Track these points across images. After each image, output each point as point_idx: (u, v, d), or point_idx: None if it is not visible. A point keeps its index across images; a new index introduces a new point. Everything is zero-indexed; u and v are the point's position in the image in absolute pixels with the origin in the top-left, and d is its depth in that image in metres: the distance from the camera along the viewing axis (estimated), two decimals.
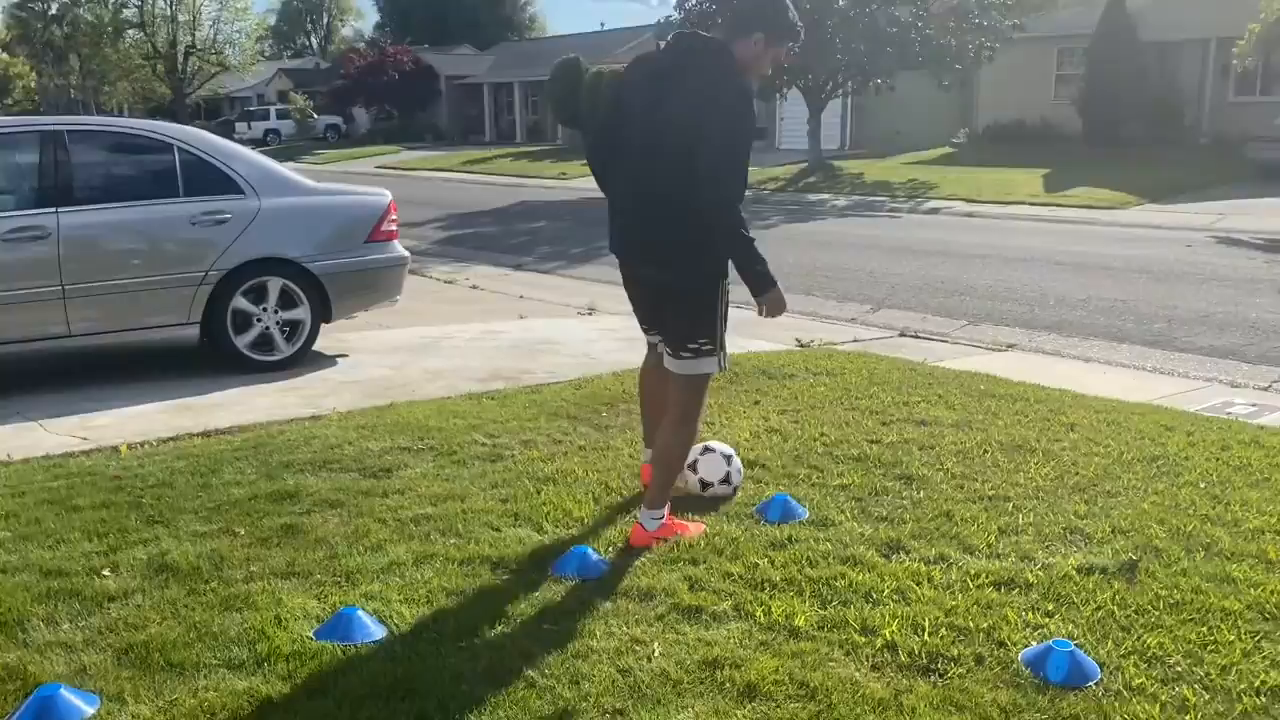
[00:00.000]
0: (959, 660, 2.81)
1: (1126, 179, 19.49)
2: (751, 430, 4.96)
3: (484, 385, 6.13)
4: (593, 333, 8.00)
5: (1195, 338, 7.83)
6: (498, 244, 14.92)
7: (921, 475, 4.29)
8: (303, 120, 50.26)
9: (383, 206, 7.07)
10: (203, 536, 3.68)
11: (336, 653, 2.81)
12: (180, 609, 3.10)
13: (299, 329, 6.66)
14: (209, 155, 6.50)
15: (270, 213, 6.54)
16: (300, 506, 3.98)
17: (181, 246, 6.28)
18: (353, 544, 3.60)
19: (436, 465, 4.49)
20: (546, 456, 4.59)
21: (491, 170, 31.24)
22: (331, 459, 4.55)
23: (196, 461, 4.54)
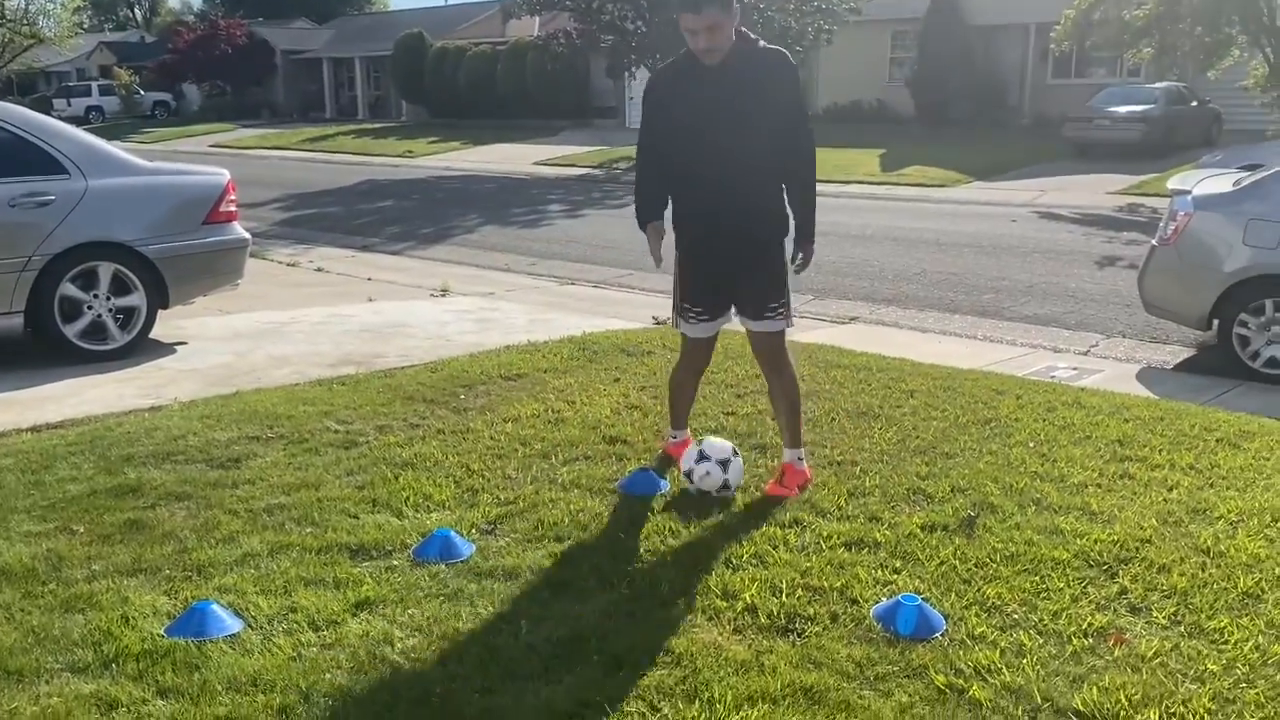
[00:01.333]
0: (815, 619, 2.93)
1: (956, 157, 20.47)
2: (612, 407, 5.01)
3: (334, 370, 5.97)
4: (446, 315, 7.90)
5: (1021, 307, 8.33)
6: (343, 225, 14.52)
7: (775, 444, 4.42)
8: (128, 97, 47.49)
9: (220, 186, 6.78)
10: (37, 536, 3.47)
11: (191, 649, 2.71)
12: (15, 613, 2.93)
13: (134, 316, 6.35)
14: (27, 133, 6.10)
15: (99, 194, 6.19)
16: (144, 501, 3.80)
17: (0, 230, 5.87)
18: (203, 537, 3.47)
19: (288, 454, 4.36)
20: (403, 441, 4.52)
21: (334, 148, 30.28)
22: (175, 450, 4.36)
23: (26, 458, 4.27)
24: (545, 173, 23.12)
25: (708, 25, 3.55)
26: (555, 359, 6.09)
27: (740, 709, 2.48)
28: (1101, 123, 20.76)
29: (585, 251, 11.88)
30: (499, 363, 5.99)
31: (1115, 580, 3.17)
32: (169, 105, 48.22)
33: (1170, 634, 2.86)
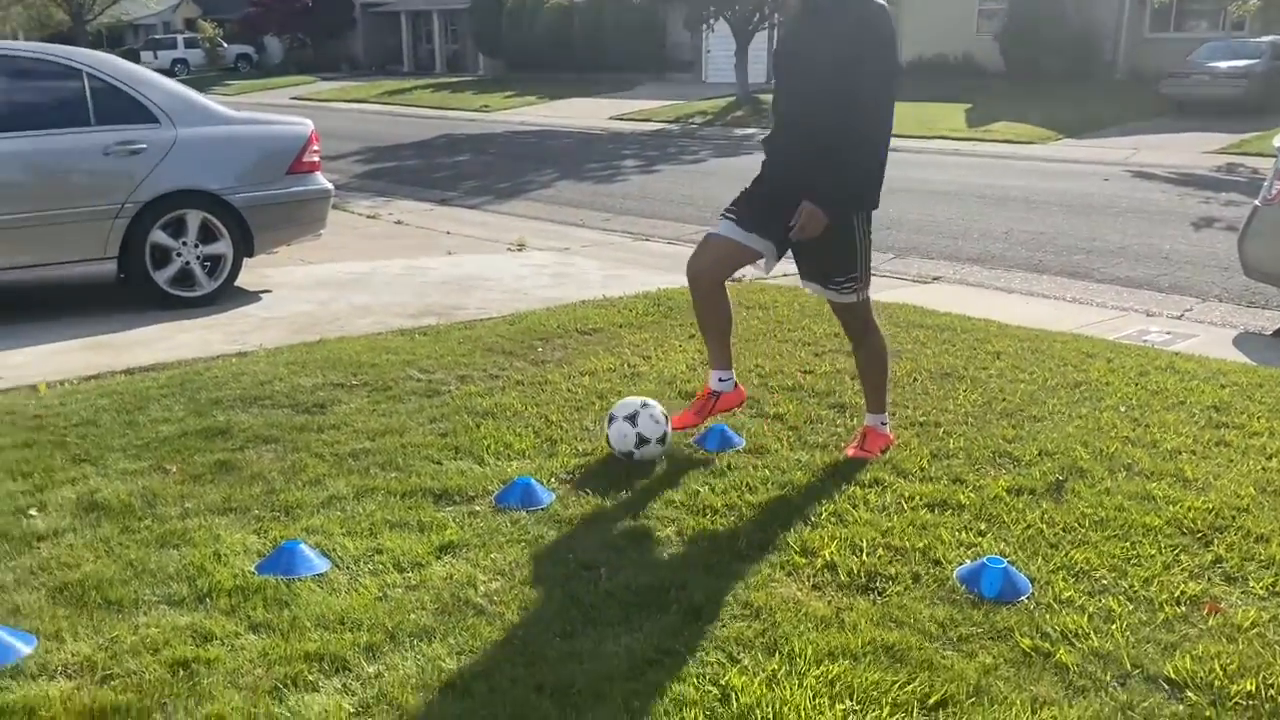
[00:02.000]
0: (896, 579, 2.89)
1: (1046, 114, 19.84)
2: (687, 363, 4.99)
3: (415, 321, 6.04)
4: (523, 269, 7.93)
5: (1113, 269, 8.07)
6: (421, 178, 14.62)
7: (855, 403, 4.37)
8: (212, 50, 48.33)
9: (304, 137, 6.86)
10: (133, 474, 3.59)
11: (281, 586, 2.78)
12: (114, 547, 3.03)
13: (220, 264, 6.48)
14: (121, 82, 6.22)
15: (188, 143, 6.30)
16: (233, 443, 3.90)
17: (94, 178, 6.03)
18: (290, 479, 3.55)
19: (371, 401, 4.43)
20: (483, 391, 4.56)
21: (411, 102, 30.50)
22: (262, 395, 4.46)
23: (121, 399, 4.41)
24: (620, 127, 23.00)
25: None
26: (630, 314, 6.08)
27: (821, 663, 2.46)
28: (1201, 78, 19.93)
29: (660, 207, 11.81)
30: (575, 317, 6.00)
31: (1210, 549, 3.07)
32: (251, 58, 48.95)
33: (1268, 604, 2.76)
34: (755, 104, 24.22)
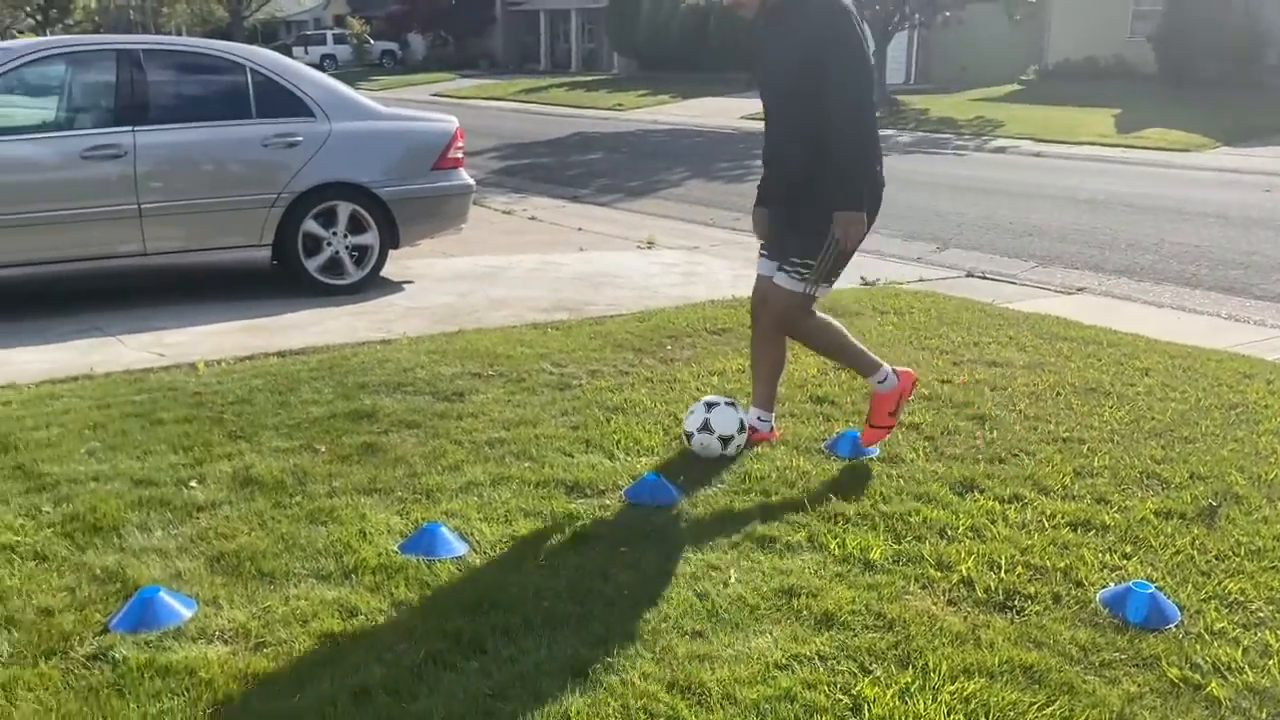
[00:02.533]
0: (1036, 598, 2.81)
1: (1203, 120, 18.88)
2: (818, 367, 4.94)
3: (548, 315, 6.16)
4: (653, 267, 7.98)
5: (1273, 285, 7.63)
6: (554, 175, 14.86)
7: (994, 415, 4.26)
8: (359, 46, 50.09)
9: (449, 133, 7.07)
10: (285, 452, 3.77)
11: (421, 567, 2.88)
12: (267, 521, 3.20)
13: (368, 254, 6.73)
14: (281, 77, 6.52)
15: (341, 137, 6.56)
16: (378, 426, 4.05)
17: (254, 168, 6.34)
18: (431, 463, 3.67)
19: (507, 391, 4.54)
20: (614, 387, 4.61)
21: (547, 100, 31.01)
22: (405, 382, 4.62)
23: (274, 380, 4.63)
24: (752, 127, 22.87)
25: None
26: None
27: (955, 680, 2.41)
28: None
29: None
30: (704, 316, 6.01)
31: None
32: (395, 54, 50.56)
33: None
34: (892, 105, 23.79)
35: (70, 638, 2.51)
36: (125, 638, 2.51)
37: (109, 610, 2.64)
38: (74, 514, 3.19)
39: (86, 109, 6.47)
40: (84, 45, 6.66)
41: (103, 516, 3.17)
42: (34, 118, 6.84)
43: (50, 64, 6.42)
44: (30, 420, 4.03)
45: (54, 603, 2.68)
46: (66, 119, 6.48)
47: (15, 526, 3.11)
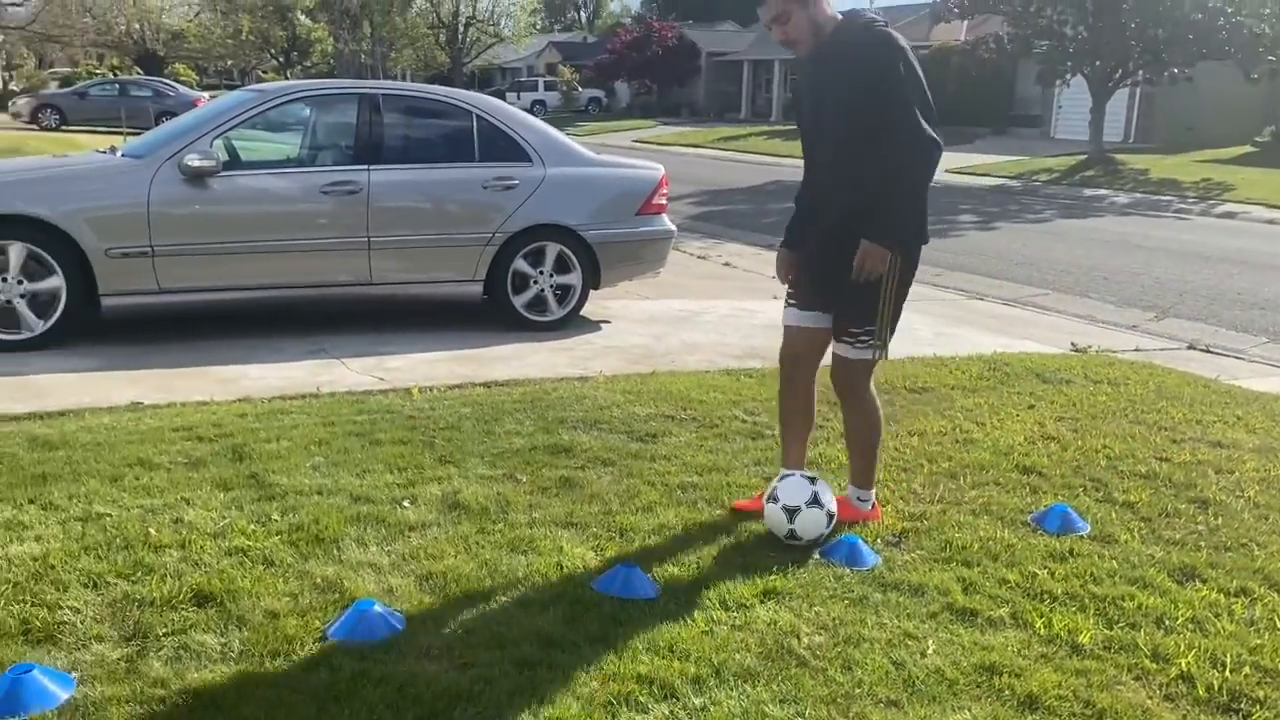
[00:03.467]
0: (1265, 703, 2.59)
1: None
2: (1025, 435, 4.75)
3: (740, 362, 6.18)
4: None
5: None
6: (750, 222, 14.94)
7: (1219, 500, 3.97)
8: (568, 92, 52.14)
9: (655, 180, 7.26)
10: (489, 480, 3.93)
11: (615, 605, 2.94)
12: (472, 545, 3.34)
13: (570, 293, 6.95)
14: (504, 124, 6.88)
15: (554, 181, 6.84)
16: (575, 461, 4.17)
17: (473, 209, 6.68)
18: (625, 502, 3.74)
19: (699, 436, 4.58)
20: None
21: (745, 148, 31.28)
22: (601, 419, 4.74)
23: (480, 409, 4.84)
24: (956, 181, 22.33)
25: (773, 16, 3.40)
26: (963, 376, 5.88)
27: None
28: None
29: (996, 266, 11.33)
30: (903, 373, 5.89)
31: None
32: (601, 101, 52.31)
33: None
34: (1110, 164, 22.71)
35: (293, 641, 2.69)
36: (342, 646, 2.67)
37: (327, 618, 2.82)
38: (299, 524, 3.43)
39: (328, 147, 7.02)
40: (330, 90, 7.22)
41: (324, 528, 3.39)
42: (280, 153, 7.48)
43: (299, 105, 7.01)
44: (263, 432, 4.36)
45: (279, 606, 2.88)
46: (309, 156, 7.05)
47: (248, 531, 3.36)
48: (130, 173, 6.02)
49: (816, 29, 3.38)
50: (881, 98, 3.27)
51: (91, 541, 3.22)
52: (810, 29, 3.38)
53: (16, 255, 5.67)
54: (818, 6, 3.37)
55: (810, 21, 3.37)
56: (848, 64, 3.35)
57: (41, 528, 3.32)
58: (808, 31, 3.38)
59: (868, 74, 3.29)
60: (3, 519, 3.37)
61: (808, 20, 3.37)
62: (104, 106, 27.74)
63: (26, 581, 2.96)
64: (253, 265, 6.20)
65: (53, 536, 3.26)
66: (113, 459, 3.94)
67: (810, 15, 3.37)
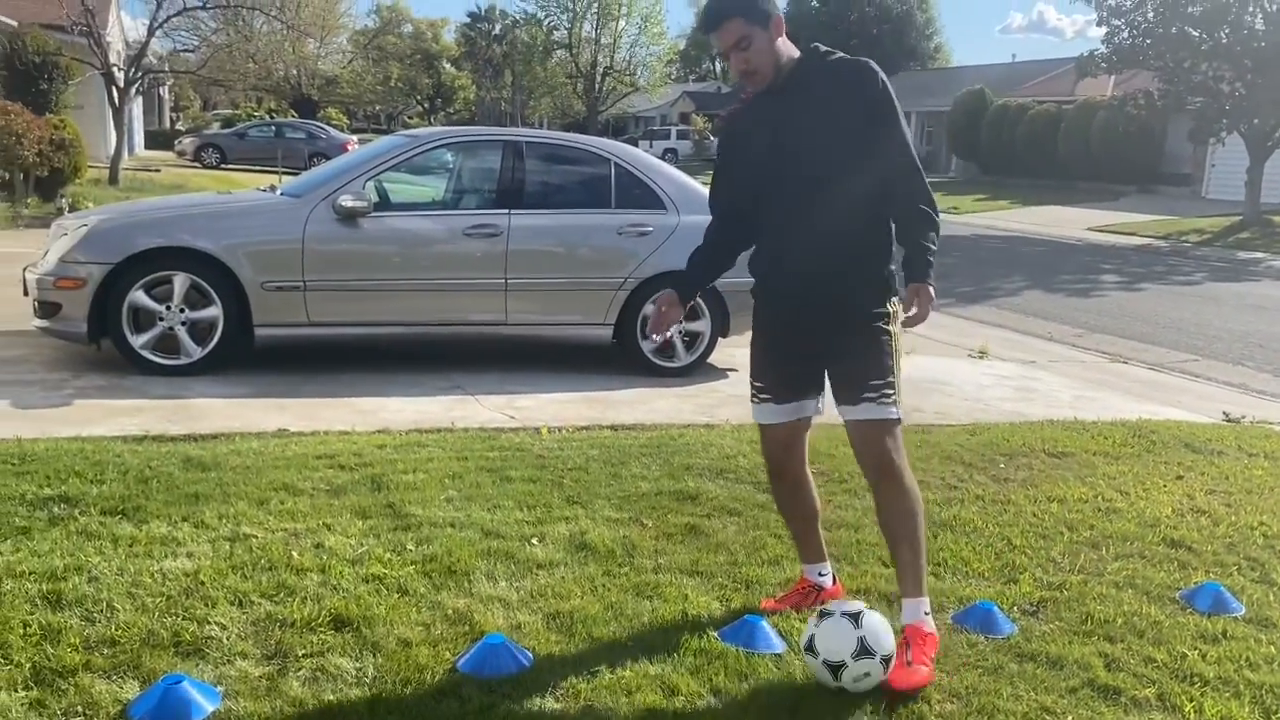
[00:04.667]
0: None
1: None
2: (1174, 506, 4.53)
3: None
4: (985, 378, 7.68)
5: None
6: None
7: None
8: (699, 141, 52.67)
9: None
10: (615, 523, 3.95)
11: (740, 658, 2.91)
12: (598, 587, 3.36)
13: (698, 340, 6.98)
14: (641, 171, 7.00)
15: (687, 229, 6.88)
16: (701, 509, 4.17)
17: (607, 254, 6.80)
18: (751, 554, 3.71)
19: (828, 491, 4.51)
20: (941, 500, 4.46)
21: None
22: (727, 468, 4.72)
23: (607, 452, 4.89)
24: (1100, 239, 21.61)
25: (734, 42, 2.94)
26: (1106, 442, 5.65)
27: None
28: None
29: (1141, 329, 10.89)
30: (1042, 436, 5.69)
31: None
32: None
33: None
34: (1267, 226, 21.61)
35: (424, 670, 2.76)
36: (471, 679, 2.72)
37: (457, 650, 2.88)
38: (432, 555, 3.51)
39: (471, 191, 7.26)
40: (477, 136, 7.49)
41: (456, 561, 3.47)
42: (427, 195, 7.77)
43: (447, 151, 7.29)
44: (401, 464, 4.50)
45: (412, 635, 2.95)
46: (454, 199, 7.30)
47: (384, 559, 3.47)
48: (288, 211, 6.36)
49: (778, 59, 2.99)
50: (878, 131, 2.96)
51: (238, 561, 3.38)
52: (772, 58, 2.98)
53: (180, 285, 6.03)
54: (780, 32, 3.00)
55: (773, 50, 2.98)
56: (831, 96, 2.96)
57: (193, 545, 3.50)
58: (770, 61, 2.97)
59: (859, 105, 2.95)
60: (159, 534, 3.57)
61: (770, 47, 2.97)
62: (261, 147, 29.39)
63: (179, 596, 3.11)
64: (396, 302, 6.44)
65: (203, 554, 3.42)
66: (260, 483, 4.12)
67: (772, 42, 2.98)
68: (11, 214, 13.23)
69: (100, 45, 18.50)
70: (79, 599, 3.04)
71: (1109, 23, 23.23)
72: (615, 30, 53.43)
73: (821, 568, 3.40)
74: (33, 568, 3.22)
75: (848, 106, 2.95)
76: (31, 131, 13.52)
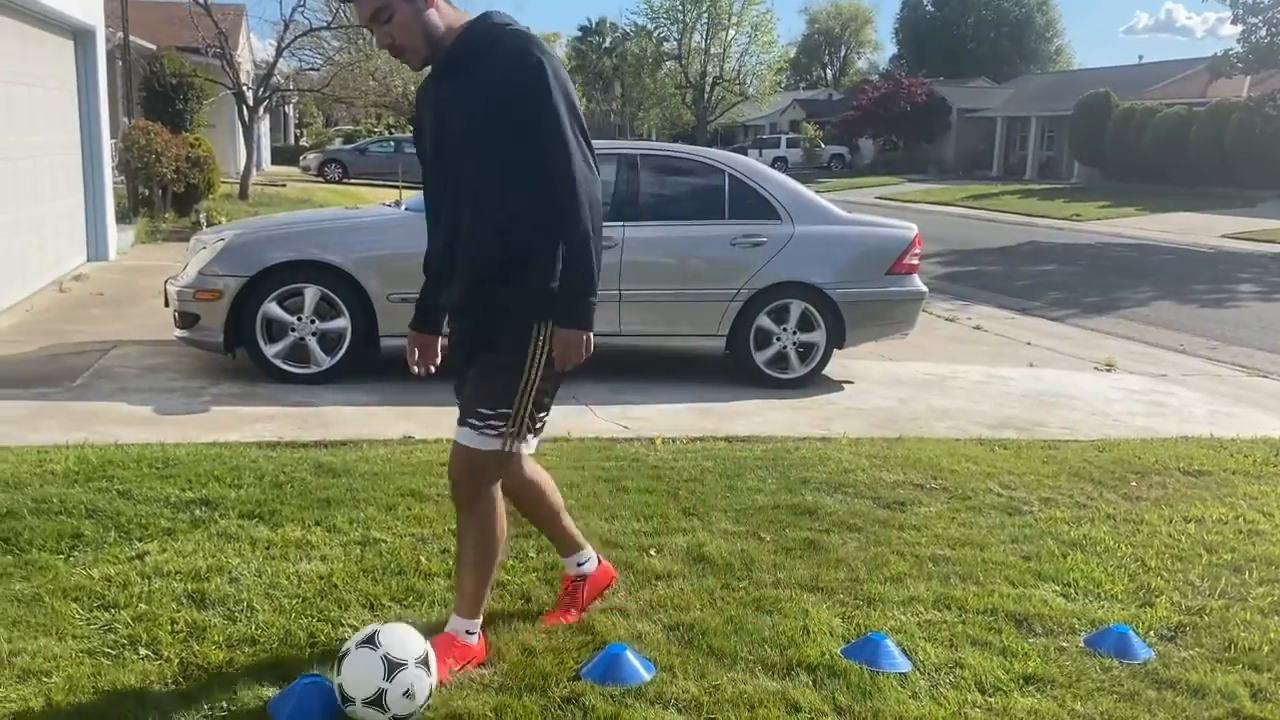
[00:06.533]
0: None
1: None
2: None
3: (994, 432, 5.93)
4: (1113, 391, 7.41)
5: None
6: (1002, 285, 14.37)
7: None
8: (810, 149, 52.18)
9: (908, 239, 7.13)
10: (733, 535, 3.94)
11: (864, 675, 2.86)
12: (717, 600, 3.35)
13: (813, 351, 6.92)
14: (755, 182, 6.98)
15: (801, 239, 6.86)
16: (819, 524, 4.12)
17: (720, 265, 6.79)
18: (873, 571, 3.65)
19: (951, 508, 4.42)
20: (1070, 519, 4.32)
21: (997, 207, 30.16)
22: (845, 483, 4.66)
23: (722, 464, 4.88)
24: (1236, 247, 20.61)
25: (370, 13, 2.61)
26: (1246, 460, 5.39)
27: None
28: None
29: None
30: (1176, 454, 5.46)
31: None
32: (843, 158, 51.96)
33: None
34: None
35: (548, 678, 2.79)
36: (594, 688, 2.74)
37: (580, 659, 2.91)
38: (553, 563, 3.56)
39: None
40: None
41: None
42: None
43: None
44: None
45: (535, 643, 3.00)
46: None
47: (507, 566, 3.53)
48: (412, 226, 6.54)
49: (431, 33, 2.65)
50: (528, 118, 2.61)
51: (369, 565, 3.49)
52: (423, 32, 2.63)
53: (311, 297, 6.27)
54: (430, 3, 2.65)
55: (422, 22, 2.62)
56: (480, 76, 2.63)
57: (326, 549, 3.63)
58: (420, 36, 2.63)
59: (507, 87, 2.61)
60: (294, 538, 3.71)
61: (417, 20, 2.62)
62: (381, 162, 30.33)
63: (314, 598, 3.23)
64: None
65: (335, 558, 3.55)
66: (387, 488, 4.25)
67: (420, 14, 2.62)
68: (151, 228, 13.96)
69: (232, 66, 19.39)
70: (221, 598, 3.19)
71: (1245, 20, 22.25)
72: (725, 40, 53.36)
73: (580, 556, 3.21)
74: (178, 567, 3.38)
75: (502, 91, 2.61)
76: (169, 149, 14.24)
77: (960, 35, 63.40)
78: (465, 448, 2.77)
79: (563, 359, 2.70)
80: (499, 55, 2.61)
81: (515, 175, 2.66)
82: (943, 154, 47.32)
